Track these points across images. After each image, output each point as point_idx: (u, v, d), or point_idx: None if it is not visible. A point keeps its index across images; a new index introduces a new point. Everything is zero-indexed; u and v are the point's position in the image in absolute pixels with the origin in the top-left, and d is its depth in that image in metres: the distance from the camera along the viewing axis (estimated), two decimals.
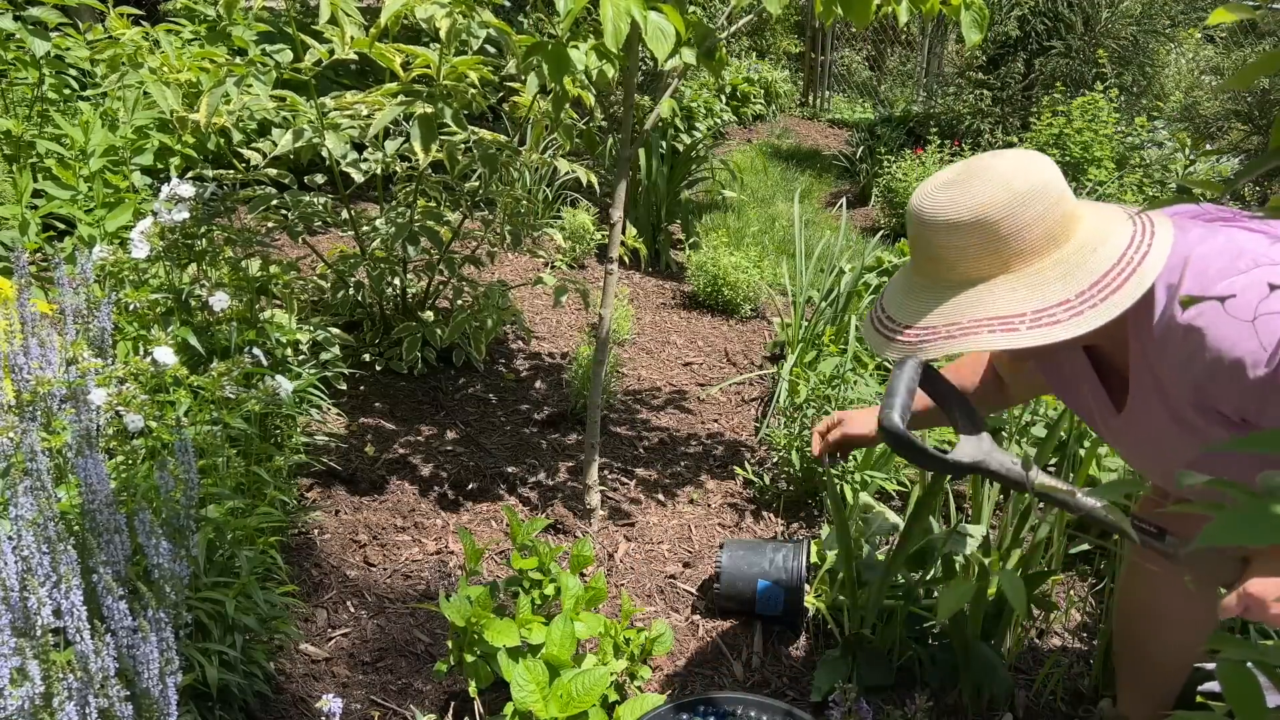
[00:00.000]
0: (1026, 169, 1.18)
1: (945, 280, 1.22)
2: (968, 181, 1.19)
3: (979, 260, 1.19)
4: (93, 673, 1.26)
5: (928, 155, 5.43)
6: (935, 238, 1.20)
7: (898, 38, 9.06)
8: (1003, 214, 1.16)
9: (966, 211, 1.17)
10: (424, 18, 2.24)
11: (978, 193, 1.17)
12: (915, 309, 1.24)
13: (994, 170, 1.19)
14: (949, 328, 1.18)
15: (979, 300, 1.18)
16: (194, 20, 4.60)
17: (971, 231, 1.17)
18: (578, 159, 3.35)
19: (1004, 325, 1.15)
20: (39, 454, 1.45)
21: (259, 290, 2.66)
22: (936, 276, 1.23)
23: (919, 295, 1.25)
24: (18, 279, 1.97)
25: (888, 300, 1.30)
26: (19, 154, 3.29)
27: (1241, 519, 0.44)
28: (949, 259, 1.21)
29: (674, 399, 3.21)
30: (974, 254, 1.19)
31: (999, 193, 1.17)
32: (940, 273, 1.22)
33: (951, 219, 1.18)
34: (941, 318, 1.20)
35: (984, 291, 1.18)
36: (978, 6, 2.15)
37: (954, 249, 1.19)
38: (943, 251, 1.21)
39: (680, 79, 2.37)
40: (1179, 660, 1.63)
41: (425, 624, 2.06)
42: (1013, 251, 1.17)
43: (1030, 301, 1.15)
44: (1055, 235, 1.18)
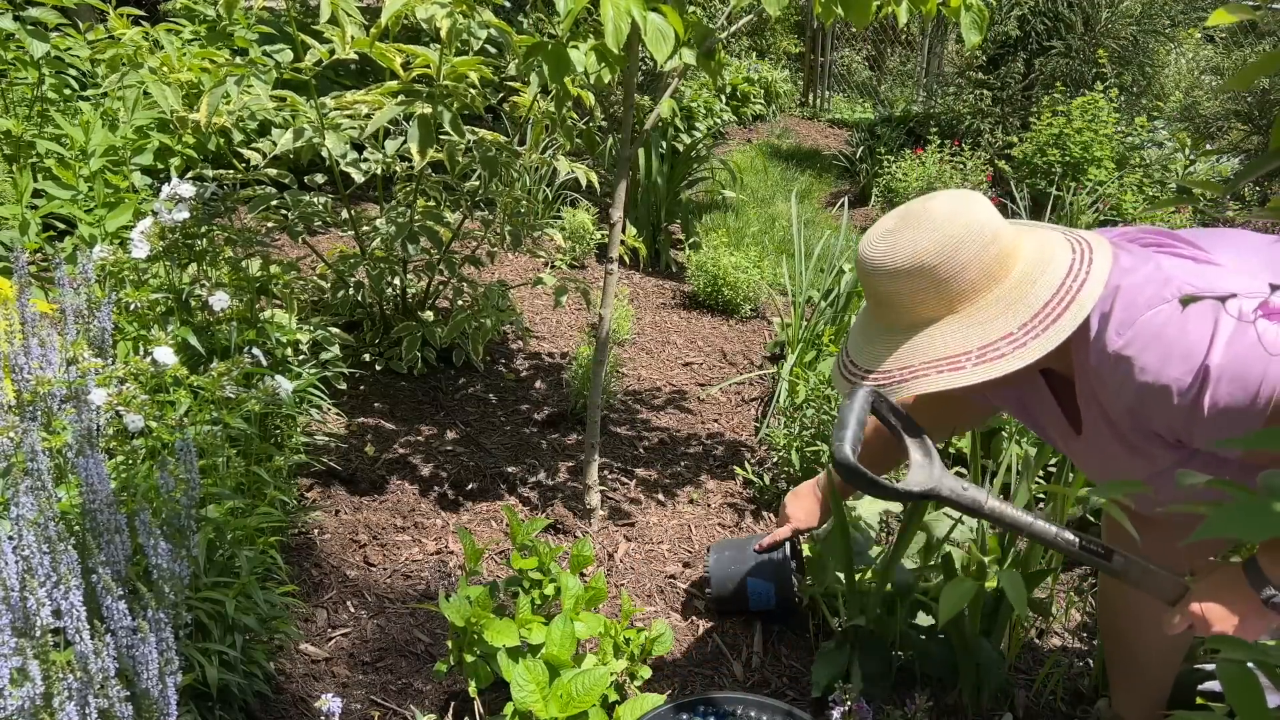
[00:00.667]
0: (958, 211, 1.23)
1: (896, 324, 1.28)
2: (903, 229, 1.24)
3: (923, 303, 1.24)
4: (93, 673, 1.26)
5: (928, 155, 5.43)
6: (880, 285, 1.26)
7: (898, 38, 9.06)
8: (938, 259, 1.21)
9: (904, 259, 1.22)
10: (424, 18, 2.24)
11: (914, 240, 1.22)
12: (872, 353, 1.30)
13: (927, 216, 1.24)
14: (901, 371, 1.24)
15: (928, 343, 1.23)
16: (194, 20, 4.60)
17: (911, 277, 1.22)
18: (578, 159, 3.35)
19: (951, 365, 1.20)
20: (39, 454, 1.45)
21: (259, 290, 2.66)
22: (888, 320, 1.29)
23: (875, 339, 1.30)
24: (18, 279, 1.97)
25: (850, 344, 1.35)
26: (19, 154, 3.29)
27: (1240, 513, 0.44)
28: (896, 303, 1.26)
29: (674, 399, 3.21)
30: (918, 298, 1.23)
31: (933, 238, 1.21)
32: (890, 317, 1.28)
33: (891, 267, 1.24)
34: (895, 362, 1.25)
35: (932, 334, 1.23)
36: (977, 7, 2.15)
37: (898, 294, 1.25)
38: (889, 297, 1.26)
39: (680, 79, 2.37)
40: (1163, 658, 1.64)
41: (425, 624, 2.06)
42: (954, 293, 1.22)
43: (974, 339, 1.20)
44: (993, 272, 1.23)
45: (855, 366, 1.32)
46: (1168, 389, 1.13)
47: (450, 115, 2.46)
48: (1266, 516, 0.43)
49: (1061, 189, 4.98)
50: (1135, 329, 1.15)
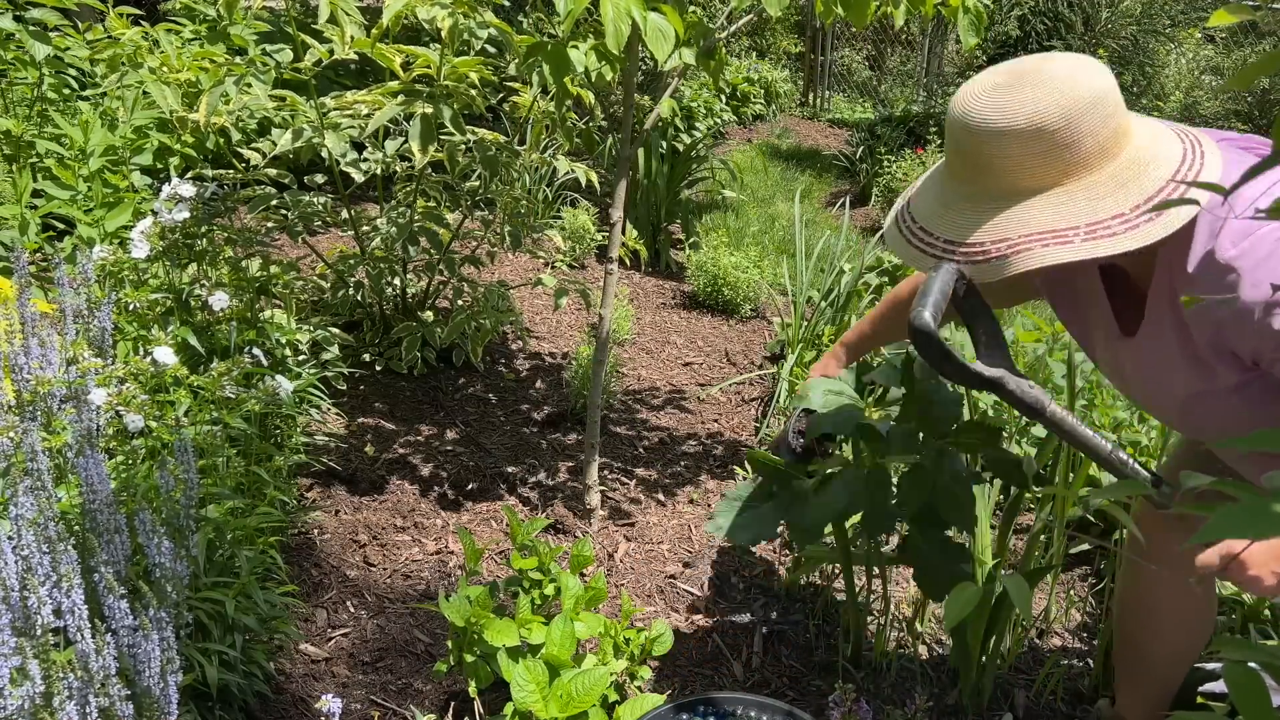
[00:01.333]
0: (1080, 75, 1.11)
1: (989, 191, 1.14)
2: (1019, 86, 1.11)
3: (1030, 171, 1.11)
4: (93, 672, 1.26)
5: (928, 155, 5.43)
6: (983, 146, 1.12)
7: (898, 37, 9.06)
8: (1060, 123, 1.09)
9: (1022, 118, 1.10)
10: (426, 18, 2.24)
11: (1034, 99, 1.10)
12: (958, 223, 1.16)
13: (1049, 75, 1.11)
14: (998, 245, 1.11)
15: (1030, 215, 1.11)
16: (194, 20, 4.60)
17: (1024, 140, 1.10)
18: (578, 159, 3.35)
19: (1058, 239, 1.08)
20: (39, 454, 1.45)
21: (259, 290, 2.66)
22: (979, 186, 1.15)
23: (959, 207, 1.17)
24: (18, 279, 1.97)
25: (921, 211, 1.22)
26: (19, 154, 3.29)
27: (1242, 515, 0.44)
28: (996, 168, 1.13)
29: (674, 399, 3.21)
30: (1027, 164, 1.11)
31: (1055, 99, 1.09)
32: (985, 182, 1.14)
33: (1003, 126, 1.11)
34: (989, 234, 1.12)
35: (1035, 205, 1.11)
36: (975, 9, 2.15)
37: (1004, 158, 1.12)
38: (990, 160, 1.13)
39: (680, 79, 2.37)
40: (1176, 659, 1.63)
41: (425, 624, 2.06)
42: (1066, 163, 1.10)
43: (1083, 214, 1.09)
44: (1108, 147, 1.12)
45: (930, 235, 1.18)
46: (1270, 309, 1.05)
47: (451, 113, 2.46)
48: (1268, 518, 0.43)
49: None
50: (1251, 241, 1.07)
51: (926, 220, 1.20)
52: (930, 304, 1.14)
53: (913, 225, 1.21)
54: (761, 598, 2.20)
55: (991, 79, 1.14)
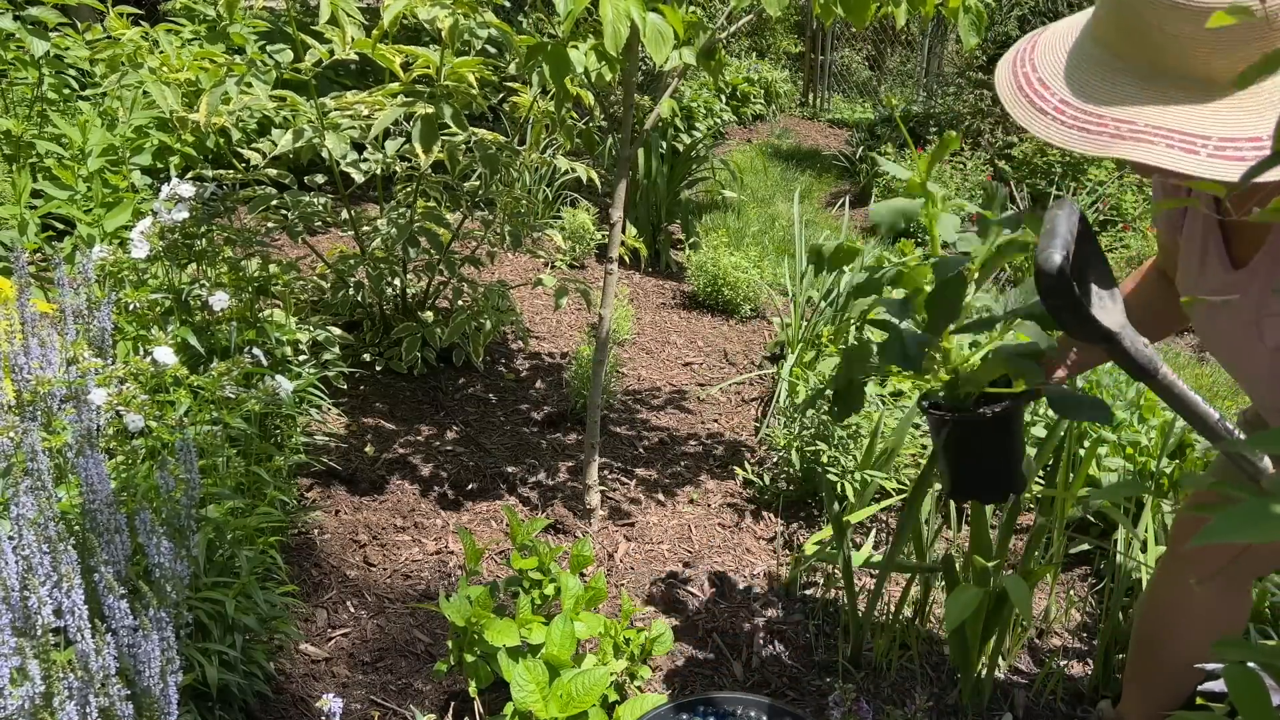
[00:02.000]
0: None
1: (1137, 61, 1.00)
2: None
3: (1193, 57, 0.96)
4: (93, 672, 1.25)
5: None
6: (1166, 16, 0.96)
7: (898, 38, 9.07)
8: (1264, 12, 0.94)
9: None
10: (426, 19, 2.24)
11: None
12: (1087, 83, 1.02)
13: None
14: (1120, 124, 0.98)
15: (1167, 104, 0.97)
16: (194, 20, 4.60)
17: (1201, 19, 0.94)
18: (577, 158, 3.35)
19: (1185, 144, 0.95)
20: (39, 454, 1.45)
21: (259, 290, 2.66)
22: (1126, 54, 1.00)
23: (1095, 70, 1.02)
24: (17, 279, 1.97)
25: (1044, 60, 1.08)
26: (18, 154, 3.29)
27: (1244, 517, 0.44)
28: (1157, 41, 0.97)
29: (674, 399, 3.21)
30: (1193, 47, 0.96)
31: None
32: (1135, 51, 1.00)
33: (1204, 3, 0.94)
34: (1115, 109, 0.98)
35: (1176, 93, 0.97)
36: (975, 9, 2.15)
37: (1178, 36, 0.96)
38: (1157, 33, 0.97)
39: (680, 79, 2.37)
40: (1190, 668, 1.62)
41: (425, 624, 2.06)
42: (1239, 58, 0.95)
43: (1217, 126, 0.95)
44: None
45: (1048, 90, 1.04)
46: None
47: (453, 111, 2.46)
48: (1270, 519, 0.43)
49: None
50: None
51: (1050, 74, 1.05)
52: (1059, 244, 1.03)
53: (1030, 74, 1.07)
54: (761, 598, 2.20)
55: None
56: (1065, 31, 1.09)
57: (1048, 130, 1.02)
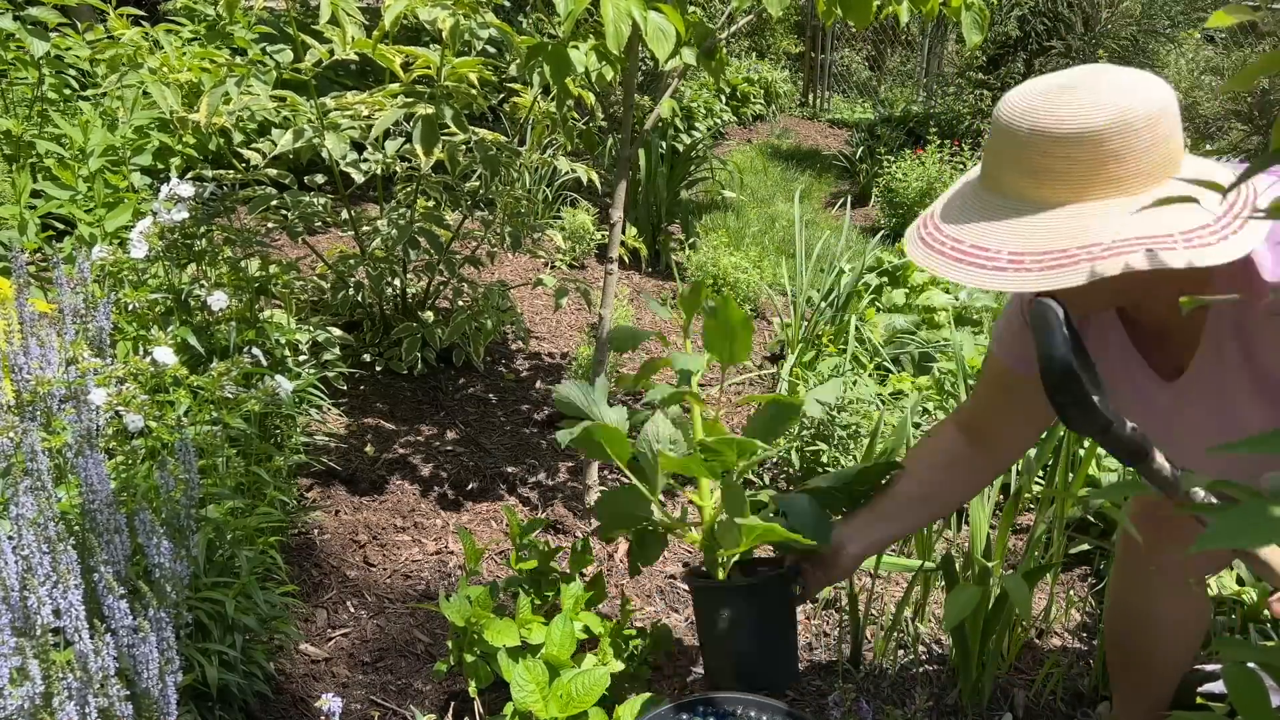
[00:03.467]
0: (1146, 80, 1.03)
1: (1046, 201, 1.03)
2: (1090, 87, 1.01)
3: (1096, 177, 1.00)
4: (92, 672, 1.25)
5: (928, 155, 5.43)
6: (1051, 149, 1.01)
7: (898, 38, 9.07)
8: (1143, 122, 0.99)
9: (1102, 117, 0.99)
10: (427, 19, 2.24)
11: (1113, 99, 1.00)
12: (1018, 233, 1.03)
13: (1116, 78, 1.02)
14: (1086, 250, 0.99)
15: (1108, 223, 1.00)
16: (194, 20, 4.59)
17: (1099, 142, 0.99)
18: (578, 159, 3.35)
19: (1159, 244, 0.97)
20: (39, 454, 1.45)
21: (259, 290, 2.66)
22: (1032, 197, 1.03)
23: (1006, 215, 1.05)
24: (16, 279, 1.97)
25: (958, 223, 1.09)
26: (19, 154, 3.29)
27: (1244, 519, 0.43)
28: (1057, 173, 1.01)
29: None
30: (1091, 170, 1.00)
31: (1134, 100, 1.00)
32: (1041, 192, 1.03)
33: (1075, 128, 0.99)
34: (1072, 241, 1.00)
35: (1108, 212, 1.00)
36: (978, 7, 2.15)
37: (1070, 161, 1.00)
38: (1051, 166, 1.01)
39: (680, 79, 2.37)
40: (1175, 662, 1.63)
41: (425, 624, 2.06)
42: (1135, 171, 1.00)
43: (1171, 223, 0.98)
44: (1174, 159, 1.03)
45: (986, 251, 1.04)
46: None
47: (453, 112, 2.46)
48: (1269, 521, 0.42)
49: None
50: None
51: (979, 237, 1.06)
52: (1059, 339, 1.00)
53: (959, 245, 1.07)
54: None
55: (1054, 82, 1.05)
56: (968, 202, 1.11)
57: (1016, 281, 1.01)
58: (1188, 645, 1.61)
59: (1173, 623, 1.57)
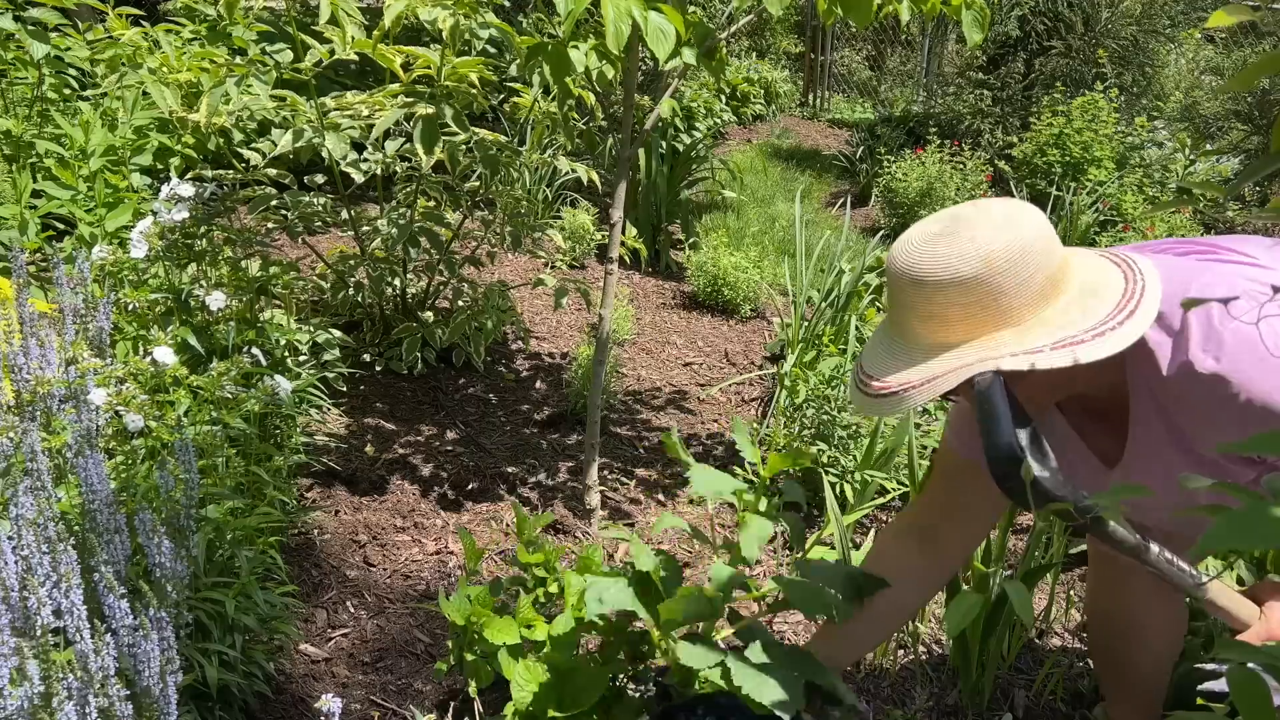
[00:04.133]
0: (1017, 215, 1.11)
1: (941, 343, 1.11)
2: (958, 232, 1.10)
3: (980, 314, 1.09)
4: (92, 672, 1.25)
5: (928, 155, 5.43)
6: (931, 296, 1.09)
7: (898, 38, 9.07)
8: (1006, 263, 1.07)
9: (970, 263, 1.07)
10: (427, 19, 2.24)
11: (983, 240, 1.08)
12: (912, 363, 1.13)
13: (984, 217, 1.10)
14: (965, 370, 1.07)
15: (993, 347, 1.08)
16: (194, 20, 4.59)
17: (975, 286, 1.07)
18: (578, 159, 3.35)
19: (1027, 351, 1.06)
20: (39, 454, 1.45)
21: (259, 290, 2.66)
22: (926, 339, 1.13)
23: (908, 354, 1.14)
24: (16, 279, 1.97)
25: (871, 365, 1.18)
26: (19, 154, 3.29)
27: (1243, 522, 0.43)
28: (943, 317, 1.10)
29: (674, 399, 3.21)
30: (976, 309, 1.08)
31: (1002, 238, 1.08)
32: (933, 334, 1.12)
33: (950, 276, 1.08)
34: (955, 361, 1.09)
35: (991, 344, 1.08)
36: (979, 6, 2.15)
37: (949, 305, 1.09)
38: (937, 310, 1.10)
39: (680, 79, 2.37)
40: (1158, 661, 1.63)
41: (425, 624, 2.06)
42: (1015, 305, 1.08)
43: (1045, 337, 1.07)
44: (1057, 282, 1.10)
45: (874, 381, 1.15)
46: (1270, 408, 1.04)
47: (454, 112, 2.46)
48: (1269, 524, 0.42)
49: (1061, 189, 4.98)
50: (1225, 347, 1.06)
51: (877, 370, 1.16)
52: (1004, 427, 1.04)
53: (862, 376, 1.18)
54: None
55: (929, 228, 1.13)
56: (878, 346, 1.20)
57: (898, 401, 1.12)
58: (1170, 643, 1.61)
59: (1151, 625, 1.58)
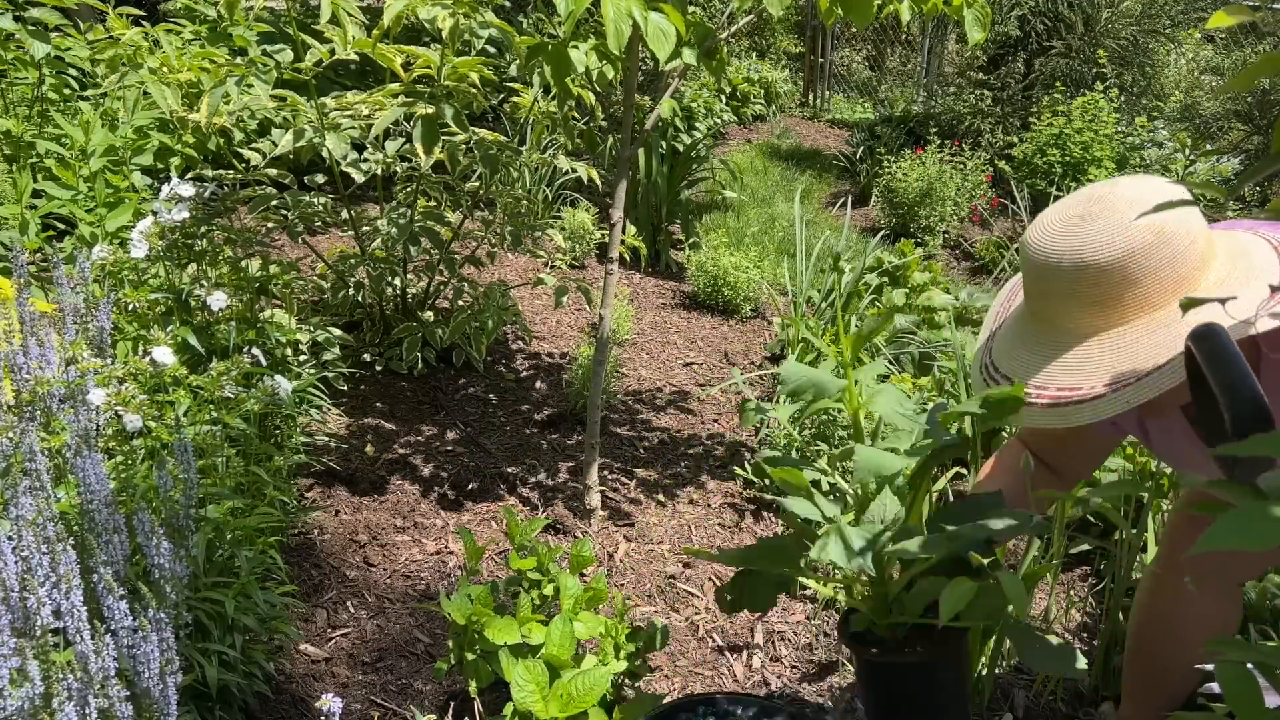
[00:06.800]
0: (1146, 180, 1.08)
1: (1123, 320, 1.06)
2: (1107, 210, 1.06)
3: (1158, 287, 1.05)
4: (92, 673, 1.25)
5: (928, 155, 5.43)
6: (1107, 274, 1.05)
7: (898, 38, 9.07)
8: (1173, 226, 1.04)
9: (1145, 228, 1.03)
10: (427, 19, 2.24)
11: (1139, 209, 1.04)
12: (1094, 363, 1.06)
13: (1120, 189, 1.08)
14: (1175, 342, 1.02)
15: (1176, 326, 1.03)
16: (194, 20, 4.59)
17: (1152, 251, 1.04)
18: (578, 158, 3.35)
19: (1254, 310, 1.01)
20: (38, 454, 1.45)
21: (259, 290, 2.66)
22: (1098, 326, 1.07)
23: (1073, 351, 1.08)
24: (17, 278, 1.97)
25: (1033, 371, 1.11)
26: (19, 154, 3.29)
27: (1243, 521, 0.43)
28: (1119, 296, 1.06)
29: (674, 399, 3.21)
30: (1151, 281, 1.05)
31: (1147, 221, 1.04)
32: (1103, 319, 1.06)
33: (1124, 247, 1.04)
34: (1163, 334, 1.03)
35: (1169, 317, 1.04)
36: (980, 4, 2.15)
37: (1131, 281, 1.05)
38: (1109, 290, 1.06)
39: (681, 79, 2.37)
40: (1189, 673, 1.62)
41: (425, 624, 2.06)
42: (1186, 270, 1.05)
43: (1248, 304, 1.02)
44: (1211, 243, 1.08)
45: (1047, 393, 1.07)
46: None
47: (454, 111, 2.46)
48: (1269, 523, 0.42)
49: (1062, 189, 4.98)
50: None
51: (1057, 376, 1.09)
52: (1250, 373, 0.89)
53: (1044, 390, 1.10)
54: None
55: (1064, 212, 1.09)
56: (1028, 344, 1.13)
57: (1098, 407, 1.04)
58: (1200, 658, 1.59)
59: (1202, 631, 1.56)
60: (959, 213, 5.27)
